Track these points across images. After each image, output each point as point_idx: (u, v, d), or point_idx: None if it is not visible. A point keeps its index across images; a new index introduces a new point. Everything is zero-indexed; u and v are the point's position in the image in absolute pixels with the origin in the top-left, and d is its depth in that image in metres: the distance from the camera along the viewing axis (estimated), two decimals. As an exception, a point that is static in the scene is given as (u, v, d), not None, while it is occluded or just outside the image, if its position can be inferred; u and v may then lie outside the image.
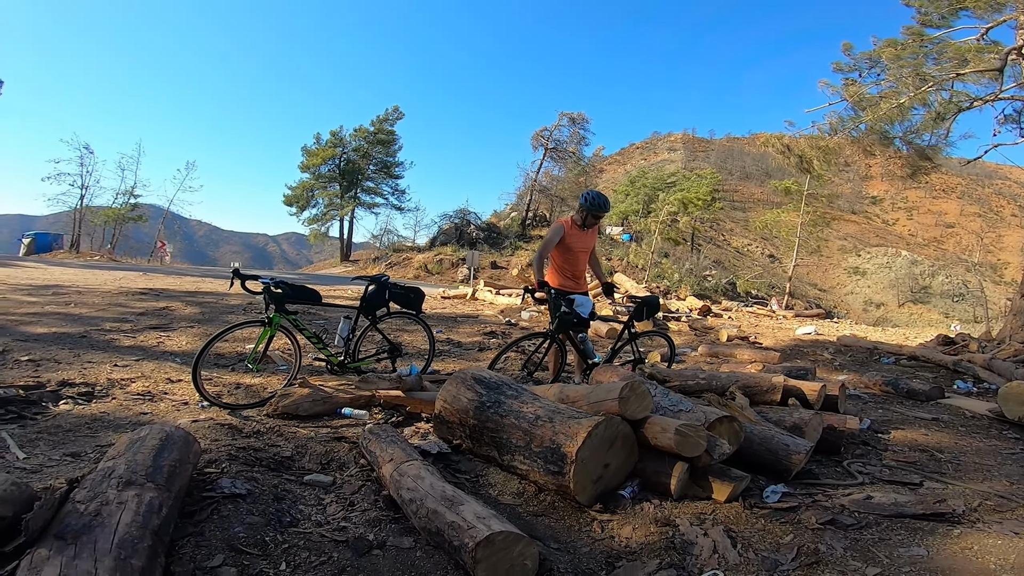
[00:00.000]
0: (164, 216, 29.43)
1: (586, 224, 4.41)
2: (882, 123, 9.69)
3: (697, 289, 23.02)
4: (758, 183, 59.02)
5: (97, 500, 1.56)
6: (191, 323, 6.21)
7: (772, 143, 16.68)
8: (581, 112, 32.22)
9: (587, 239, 4.49)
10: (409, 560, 1.73)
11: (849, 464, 2.80)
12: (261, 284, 3.51)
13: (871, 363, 6.72)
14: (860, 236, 56.30)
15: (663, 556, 1.85)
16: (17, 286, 8.62)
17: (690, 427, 2.18)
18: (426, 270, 26.25)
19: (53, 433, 2.74)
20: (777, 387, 3.25)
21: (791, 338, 9.24)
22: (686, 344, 7.68)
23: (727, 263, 38.82)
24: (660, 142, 76.15)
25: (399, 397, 3.38)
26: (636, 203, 34.45)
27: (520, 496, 2.32)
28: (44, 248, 23.54)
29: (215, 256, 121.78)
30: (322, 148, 34.53)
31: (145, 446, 1.89)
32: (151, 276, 12.59)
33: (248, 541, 1.71)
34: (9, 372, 3.75)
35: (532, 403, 2.47)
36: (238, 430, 2.91)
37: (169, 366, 4.32)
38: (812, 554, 1.80)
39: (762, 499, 2.27)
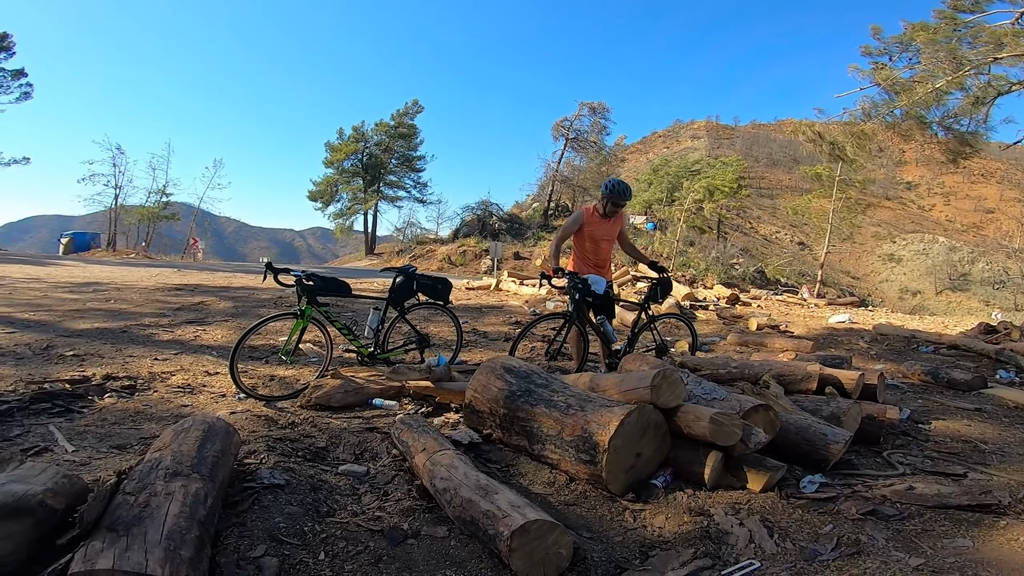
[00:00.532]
0: (195, 214, 30.26)
1: (608, 212, 4.37)
2: (918, 108, 9.41)
3: (724, 277, 22.62)
4: (786, 170, 57.44)
5: (146, 491, 1.59)
6: (225, 317, 6.38)
7: (802, 130, 16.21)
8: (601, 102, 31.96)
9: (610, 228, 4.45)
10: (443, 549, 1.75)
11: (889, 455, 2.72)
12: (293, 277, 3.59)
13: (909, 352, 6.51)
14: (895, 222, 54.34)
15: (698, 545, 1.83)
16: (58, 284, 8.97)
17: (725, 415, 2.15)
18: (449, 262, 26.41)
19: (99, 426, 2.83)
20: (813, 376, 3.17)
21: (824, 327, 9.00)
22: (714, 333, 7.56)
23: (755, 251, 37.97)
24: (683, 130, 74.66)
25: (428, 388, 3.42)
26: (659, 192, 33.92)
27: (551, 486, 2.32)
28: (82, 247, 24.38)
29: (244, 252, 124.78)
30: (344, 143, 34.96)
31: (189, 437, 1.95)
32: (185, 272, 12.96)
33: (288, 531, 1.75)
34: (55, 367, 3.90)
35: (562, 392, 2.46)
36: (274, 421, 2.99)
37: (206, 359, 4.44)
38: (853, 544, 1.76)
39: (799, 489, 2.23)
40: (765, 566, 1.70)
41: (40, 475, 1.58)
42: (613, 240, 4.53)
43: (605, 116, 32.02)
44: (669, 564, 1.70)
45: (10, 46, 24.41)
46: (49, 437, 2.58)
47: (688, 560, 1.72)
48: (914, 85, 9.22)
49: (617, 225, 4.50)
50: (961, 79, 8.85)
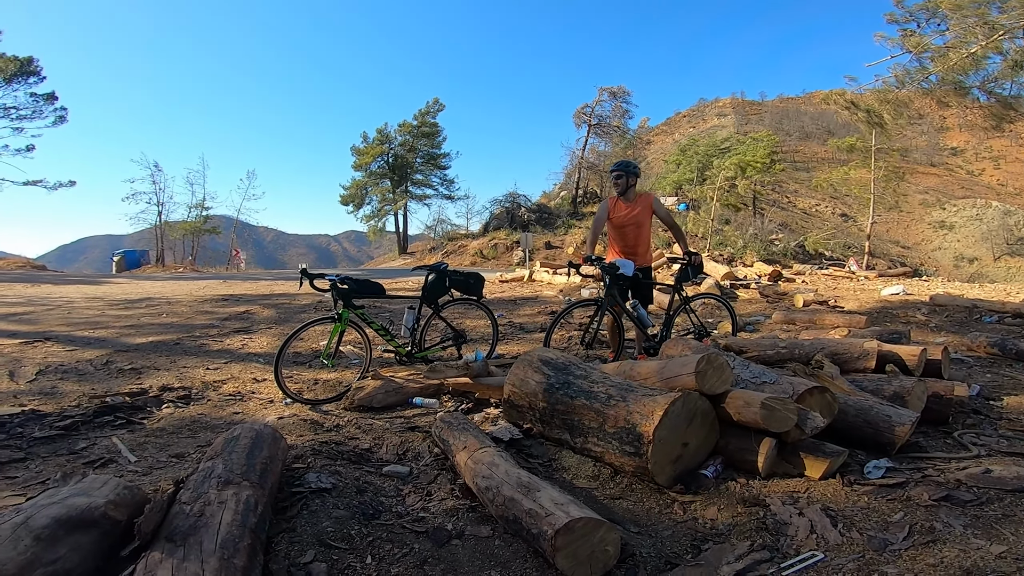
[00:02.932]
0: (235, 225, 31.35)
1: (625, 195, 4.34)
2: (955, 73, 9.06)
3: (764, 254, 21.84)
4: (820, 142, 55.02)
5: (200, 500, 1.62)
6: (269, 324, 6.57)
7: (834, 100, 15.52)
8: (621, 86, 31.52)
9: (633, 212, 4.37)
10: (488, 549, 1.73)
11: (961, 435, 2.55)
12: (328, 282, 3.64)
13: (971, 323, 6.12)
14: (943, 189, 51.30)
15: (754, 537, 1.75)
16: (114, 302, 9.42)
17: (777, 400, 2.04)
18: (482, 256, 26.51)
19: (158, 436, 2.94)
20: (870, 353, 2.99)
21: (877, 300, 8.56)
22: (758, 312, 7.30)
23: (795, 225, 36.57)
24: (708, 108, 72.33)
25: (467, 384, 3.41)
26: (689, 172, 33.07)
27: (595, 479, 2.27)
28: (133, 264, 25.60)
29: (283, 259, 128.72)
30: (370, 146, 35.47)
31: (239, 445, 1.99)
32: (230, 283, 13.43)
33: (335, 535, 1.76)
34: (115, 381, 4.09)
35: (602, 382, 2.40)
36: (319, 424, 3.04)
37: (254, 366, 4.58)
38: (927, 532, 1.65)
39: (863, 475, 2.10)
40: (829, 557, 1.60)
41: (102, 487, 1.62)
42: (640, 225, 4.42)
43: (626, 100, 31.51)
44: (724, 558, 1.62)
45: (38, 70, 25.32)
46: (113, 449, 2.69)
47: (744, 553, 1.64)
48: (947, 51, 8.87)
49: (642, 210, 4.40)
50: (997, 43, 8.52)
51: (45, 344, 5.16)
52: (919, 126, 34.13)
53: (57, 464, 2.48)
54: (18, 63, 24.43)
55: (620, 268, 4.07)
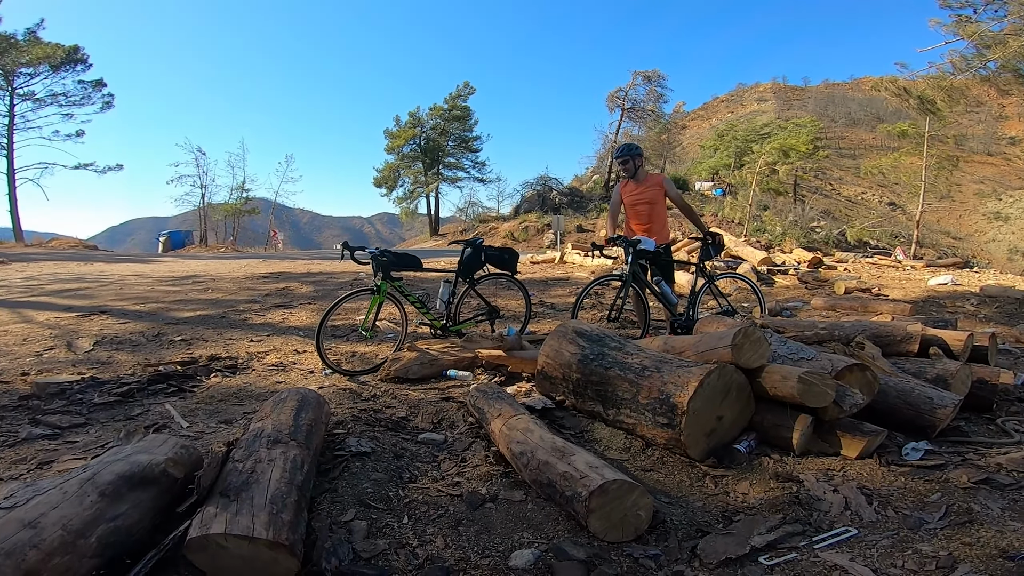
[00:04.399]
0: (273, 207, 32.22)
1: (632, 175, 4.49)
2: (1014, 61, 8.49)
3: (804, 242, 21.13)
4: (868, 128, 52.39)
5: (252, 458, 1.69)
6: (308, 300, 6.79)
7: (884, 86, 14.79)
8: (656, 69, 30.70)
9: (642, 192, 4.47)
10: (521, 512, 1.78)
11: (1004, 422, 2.47)
12: (368, 254, 3.76)
13: (1022, 315, 5.84)
14: (999, 179, 48.30)
15: (786, 511, 1.75)
16: (162, 279, 9.87)
17: (815, 375, 2.02)
18: (512, 238, 26.50)
19: (208, 403, 3.09)
20: (914, 336, 2.90)
21: (924, 289, 8.22)
22: (796, 298, 7.12)
23: (838, 213, 35.19)
24: (747, 93, 69.67)
25: (500, 357, 3.47)
26: (727, 157, 32.14)
27: (627, 451, 2.30)
28: (178, 245, 26.60)
29: (319, 240, 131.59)
30: (402, 129, 35.77)
31: (286, 407, 2.10)
32: (270, 262, 13.87)
33: (374, 496, 1.84)
34: (167, 351, 4.31)
35: (637, 354, 2.41)
36: (357, 394, 3.16)
37: (295, 339, 4.76)
38: (964, 513, 1.62)
39: (901, 457, 2.07)
40: (863, 534, 1.60)
41: (162, 446, 1.71)
42: (652, 203, 4.50)
43: (661, 84, 30.68)
44: (755, 529, 1.64)
45: (85, 58, 26.34)
46: (166, 414, 2.84)
47: (776, 526, 1.66)
48: (1007, 38, 8.33)
49: (650, 188, 4.48)
50: None
51: (100, 317, 5.47)
52: (976, 114, 32.24)
53: (115, 429, 2.61)
54: (65, 51, 25.46)
55: (640, 243, 4.16)
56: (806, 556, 1.51)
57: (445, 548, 1.56)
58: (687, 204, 4.59)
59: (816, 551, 1.52)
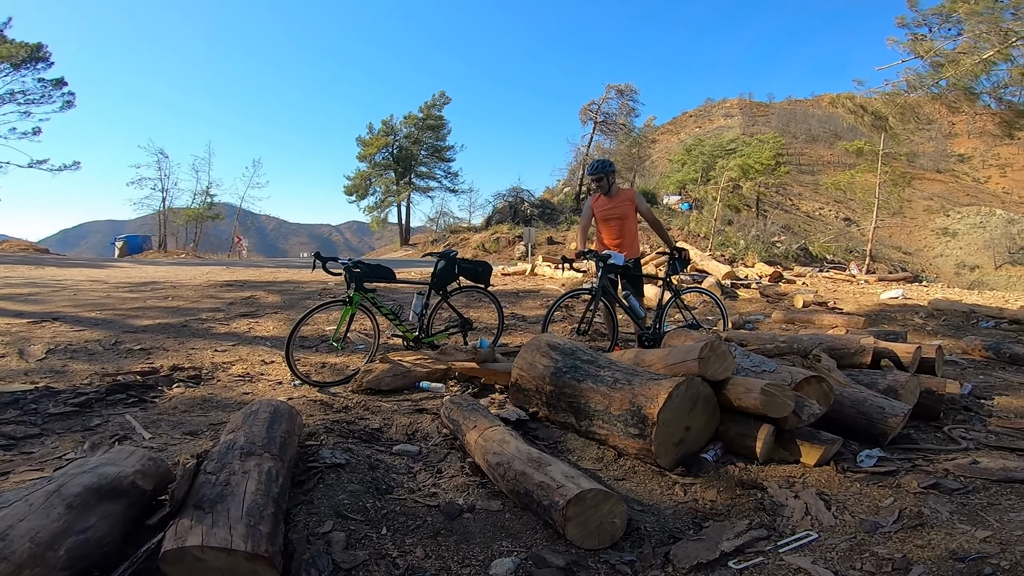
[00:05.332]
0: (238, 213, 31.39)
1: (604, 191, 4.56)
2: (965, 79, 9.08)
3: (765, 256, 21.88)
4: (827, 145, 55.03)
5: (225, 470, 1.67)
6: (275, 309, 6.65)
7: (842, 103, 15.53)
8: (629, 84, 31.38)
9: (614, 207, 4.56)
10: (499, 522, 1.81)
11: (951, 429, 2.63)
12: (341, 265, 3.73)
13: (968, 327, 6.21)
14: (948, 195, 51.40)
15: (752, 517, 1.83)
16: (118, 285, 9.49)
17: (776, 387, 2.12)
18: (483, 249, 26.52)
19: (171, 414, 3.00)
20: (867, 349, 3.07)
21: (876, 303, 8.64)
22: (758, 311, 7.38)
23: (797, 228, 36.64)
24: (715, 109, 72.37)
25: (474, 369, 3.49)
26: (693, 171, 33.14)
27: (599, 461, 2.35)
28: (135, 250, 25.63)
29: (285, 248, 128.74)
30: (375, 137, 35.55)
31: (258, 419, 2.06)
32: (233, 269, 13.50)
33: (351, 508, 1.83)
34: (125, 361, 4.16)
35: (609, 367, 2.48)
36: (329, 406, 3.12)
37: (261, 349, 4.65)
38: (915, 517, 1.73)
39: (856, 463, 2.19)
40: (823, 537, 1.69)
41: (129, 458, 1.66)
42: (623, 218, 4.60)
43: (633, 98, 31.42)
44: (724, 534, 1.71)
45: (47, 56, 25.31)
46: (127, 426, 2.74)
47: (743, 531, 1.73)
48: (959, 57, 8.92)
49: (622, 204, 4.58)
50: (1007, 50, 8.60)
51: (53, 324, 5.23)
52: (927, 132, 34.06)
53: (73, 440, 2.52)
54: (28, 49, 24.43)
55: (611, 258, 4.25)
56: (772, 560, 1.57)
57: (425, 558, 1.57)
58: (656, 219, 4.74)
59: (781, 555, 1.59)
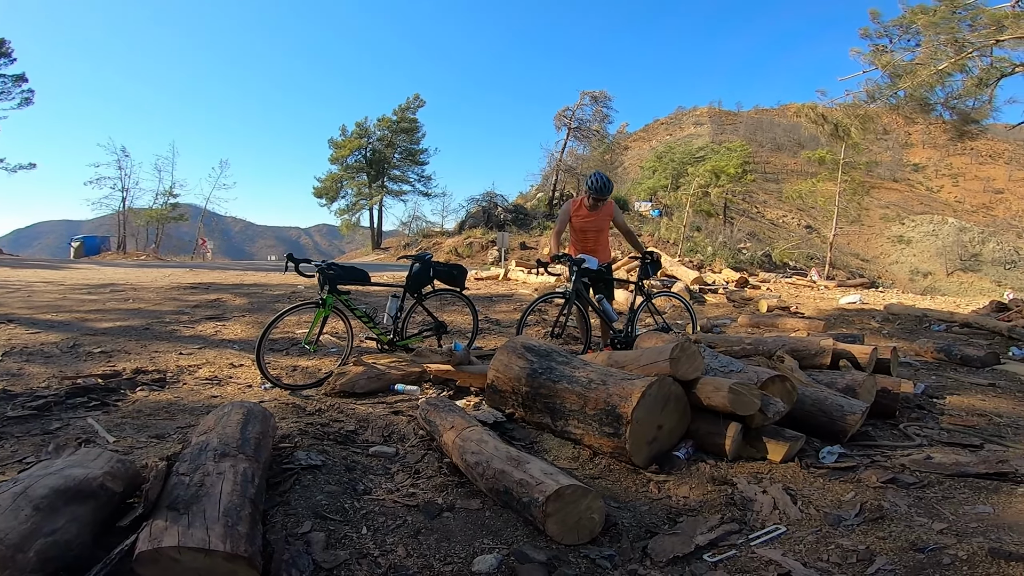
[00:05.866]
0: (202, 214, 30.48)
1: (591, 207, 4.58)
2: (921, 90, 9.43)
3: (732, 262, 22.50)
4: (791, 154, 56.95)
5: (199, 472, 1.64)
6: (242, 312, 6.49)
7: (805, 113, 16.13)
8: (603, 90, 32.01)
9: (596, 219, 4.64)
10: (479, 520, 1.82)
11: (906, 427, 2.77)
12: (314, 267, 3.68)
13: (921, 331, 6.52)
14: (903, 204, 53.90)
15: (723, 512, 1.90)
16: (75, 286, 9.11)
17: (743, 386, 2.21)
18: (456, 254, 26.47)
19: (135, 417, 2.91)
20: (826, 350, 3.22)
21: (835, 307, 9.00)
22: (725, 316, 7.60)
23: (762, 235, 37.82)
24: (685, 117, 74.16)
25: (449, 371, 3.49)
26: (664, 178, 33.80)
27: (575, 460, 2.39)
28: (93, 251, 24.61)
29: (251, 251, 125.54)
30: (348, 140, 35.10)
31: (231, 420, 2.03)
32: (197, 272, 13.11)
33: (330, 508, 1.82)
34: (84, 364, 4.00)
35: (583, 368, 2.52)
36: (301, 408, 3.07)
37: (229, 352, 4.54)
38: (876, 510, 1.82)
39: (818, 460, 2.29)
40: (791, 531, 1.76)
41: (96, 460, 1.62)
42: (600, 231, 4.72)
43: (607, 105, 31.99)
44: (698, 528, 1.76)
45: (9, 52, 24.45)
46: (89, 429, 2.65)
47: (716, 525, 1.79)
48: (916, 68, 9.27)
49: (604, 217, 4.68)
50: (963, 61, 8.91)
51: (7, 327, 5.00)
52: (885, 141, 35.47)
53: (32, 444, 2.43)
54: (-8, 44, 23.45)
55: (584, 262, 4.31)
56: (744, 552, 1.64)
57: (407, 557, 1.57)
58: (630, 229, 4.88)
59: (753, 548, 1.66)
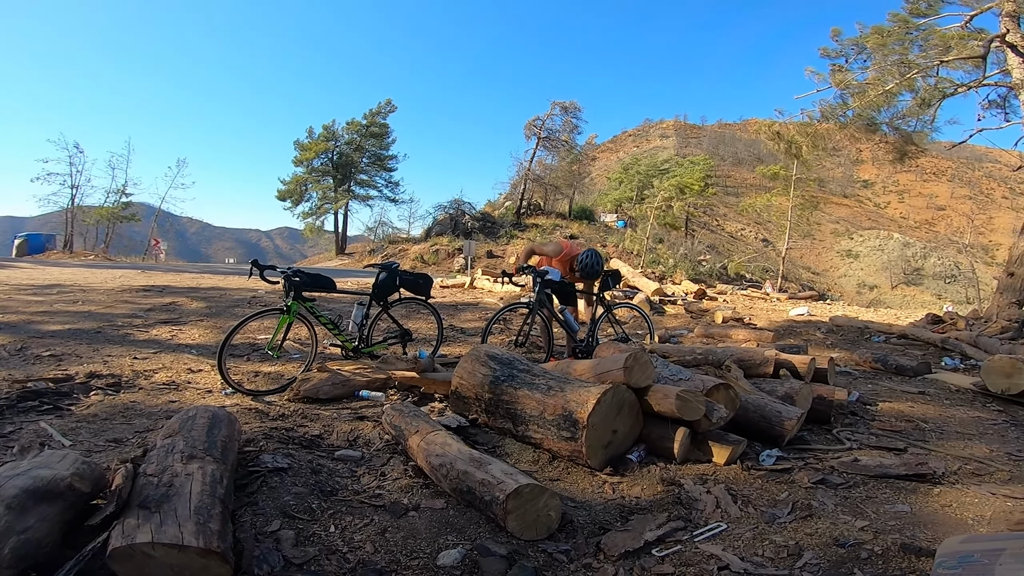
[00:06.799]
0: (156, 214, 29.28)
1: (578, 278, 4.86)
2: (869, 110, 9.77)
3: (692, 274, 23.24)
4: (750, 169, 59.19)
5: (167, 472, 1.68)
6: (200, 317, 6.35)
7: (763, 130, 16.81)
8: (573, 101, 32.34)
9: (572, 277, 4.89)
10: (443, 518, 1.91)
11: (838, 432, 2.99)
12: (280, 273, 3.68)
13: (862, 342, 6.92)
14: (852, 219, 56.78)
15: (671, 510, 2.05)
16: (19, 286, 8.68)
17: (690, 393, 2.38)
18: (422, 261, 26.33)
19: (91, 421, 2.87)
20: (769, 360, 3.46)
21: (785, 319, 9.48)
22: (682, 326, 7.89)
23: (721, 248, 39.14)
24: (652, 129, 76.26)
25: (414, 378, 3.56)
26: (630, 190, 34.62)
27: (535, 463, 2.51)
28: (37, 249, 23.39)
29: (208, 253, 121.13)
30: (315, 142, 34.42)
31: (197, 424, 2.05)
32: (150, 273, 12.65)
33: (297, 508, 1.88)
34: (34, 367, 3.88)
35: (543, 376, 2.66)
36: (264, 414, 3.08)
37: (187, 357, 4.46)
38: (806, 509, 2.00)
39: (758, 462, 2.48)
40: (731, 527, 1.92)
41: (62, 461, 1.64)
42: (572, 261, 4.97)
43: (577, 115, 32.40)
44: (647, 525, 1.90)
45: None
46: (43, 433, 2.61)
47: (663, 522, 1.93)
48: (866, 88, 9.59)
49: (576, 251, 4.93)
50: (910, 82, 9.27)
51: (-53, 327, 4.77)
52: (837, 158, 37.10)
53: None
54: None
55: (548, 274, 4.48)
56: (689, 548, 1.78)
57: (375, 553, 1.64)
58: None
59: (696, 543, 1.81)
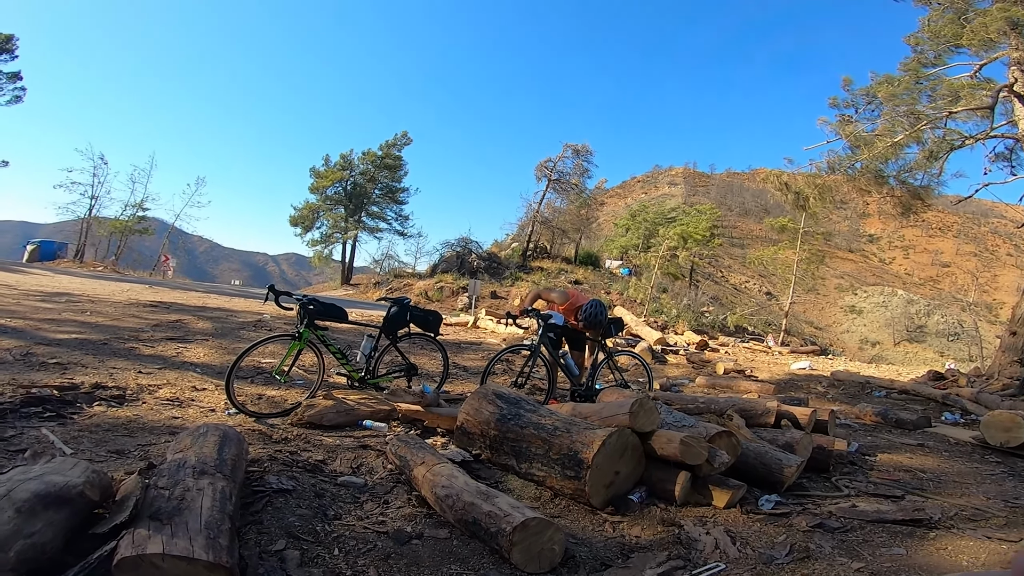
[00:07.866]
0: (169, 231, 29.70)
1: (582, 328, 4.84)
2: (877, 162, 9.57)
3: (695, 324, 23.19)
4: (756, 219, 59.69)
5: (179, 486, 1.71)
6: (205, 336, 6.41)
7: (771, 180, 16.83)
8: (585, 144, 31.91)
9: (576, 324, 4.89)
10: (447, 548, 1.93)
11: (837, 480, 3.01)
12: (295, 300, 3.77)
13: (863, 396, 6.93)
14: (857, 274, 56.89)
15: (671, 549, 2.06)
16: (29, 292, 8.81)
17: (693, 438, 2.43)
18: (426, 297, 26.37)
19: (93, 432, 2.89)
20: (771, 410, 3.50)
21: (786, 372, 9.47)
22: (684, 376, 7.90)
23: (725, 299, 39.15)
24: (661, 176, 77.54)
25: (419, 412, 3.60)
26: (636, 238, 34.73)
27: (537, 500, 2.53)
28: (48, 256, 23.70)
29: (215, 273, 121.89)
30: (331, 170, 35.03)
31: (208, 441, 2.11)
32: (157, 289, 12.79)
33: (302, 529, 1.91)
34: (38, 374, 3.92)
35: (549, 416, 2.73)
36: (268, 436, 3.11)
37: (191, 375, 4.50)
38: (803, 551, 2.01)
39: (757, 506, 2.50)
40: (729, 568, 1.93)
41: (73, 468, 1.68)
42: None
43: (588, 158, 32.23)
44: (647, 563, 1.92)
45: (12, 48, 24.03)
46: (44, 440, 2.63)
47: (663, 561, 1.95)
48: (875, 139, 9.41)
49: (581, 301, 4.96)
50: (918, 133, 9.10)
51: (-44, 329, 4.84)
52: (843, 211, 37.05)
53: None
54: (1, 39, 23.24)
55: (552, 318, 4.53)
56: (687, 586, 1.80)
57: (379, 577, 1.66)
58: None
59: (694, 582, 1.82)
